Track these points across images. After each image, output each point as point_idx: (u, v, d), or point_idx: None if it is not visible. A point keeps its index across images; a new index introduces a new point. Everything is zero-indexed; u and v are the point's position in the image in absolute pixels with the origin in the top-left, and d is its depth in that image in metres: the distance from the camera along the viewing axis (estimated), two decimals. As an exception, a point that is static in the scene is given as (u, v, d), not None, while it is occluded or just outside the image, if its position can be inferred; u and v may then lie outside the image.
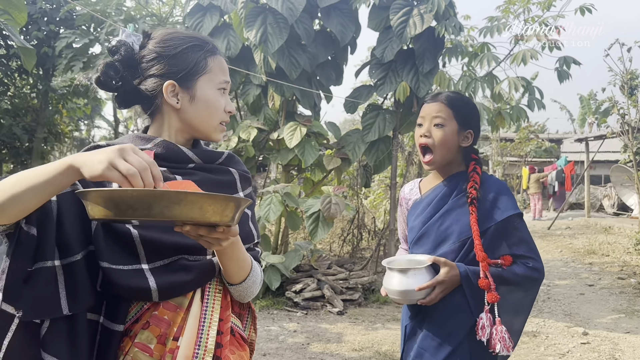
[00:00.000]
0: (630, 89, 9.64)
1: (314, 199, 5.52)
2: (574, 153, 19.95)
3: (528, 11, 6.13)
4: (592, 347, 4.60)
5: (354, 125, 11.97)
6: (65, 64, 6.15)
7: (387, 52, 5.75)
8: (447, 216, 1.78)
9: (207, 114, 1.26)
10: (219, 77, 1.27)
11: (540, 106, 5.72)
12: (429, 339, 1.75)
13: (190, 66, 1.23)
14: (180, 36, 1.26)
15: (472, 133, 1.83)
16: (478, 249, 1.68)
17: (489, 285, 1.66)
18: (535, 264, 1.72)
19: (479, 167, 1.81)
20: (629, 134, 9.50)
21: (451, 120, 1.78)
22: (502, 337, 1.66)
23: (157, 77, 1.23)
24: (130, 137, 1.28)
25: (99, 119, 18.20)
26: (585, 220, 14.84)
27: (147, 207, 0.86)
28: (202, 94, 1.25)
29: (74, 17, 6.63)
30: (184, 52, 1.23)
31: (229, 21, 6.25)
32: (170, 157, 1.24)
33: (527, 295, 1.77)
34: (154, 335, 1.14)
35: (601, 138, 13.57)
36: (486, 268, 1.68)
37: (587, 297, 6.52)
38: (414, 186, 2.00)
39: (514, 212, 1.72)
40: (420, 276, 1.70)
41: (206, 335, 1.17)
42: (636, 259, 8.89)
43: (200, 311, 1.19)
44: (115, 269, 1.11)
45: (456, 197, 1.79)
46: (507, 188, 1.81)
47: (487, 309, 1.67)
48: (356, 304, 5.79)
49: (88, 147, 1.24)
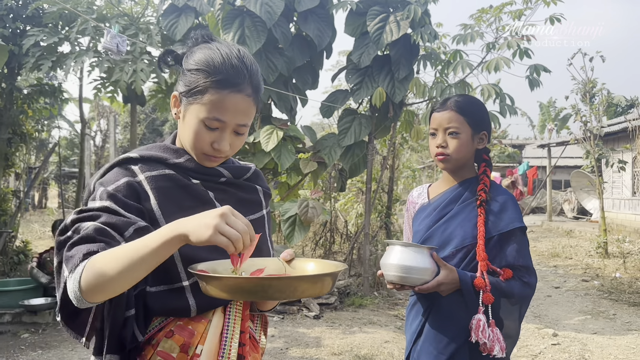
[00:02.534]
0: (590, 97, 10.00)
1: (291, 202, 5.51)
2: (536, 158, 20.54)
3: (499, 20, 6.28)
4: (562, 348, 4.74)
5: (323, 129, 12.01)
6: (32, 62, 5.95)
7: (364, 58, 5.79)
8: (451, 221, 1.80)
9: (191, 139, 1.21)
10: (210, 113, 1.17)
11: (512, 112, 5.86)
12: (430, 343, 1.77)
13: (190, 88, 1.19)
14: (204, 57, 1.20)
15: (486, 133, 1.85)
16: (480, 249, 1.70)
17: (484, 286, 1.68)
18: (529, 280, 1.75)
19: (489, 170, 1.84)
20: (591, 141, 9.84)
21: (465, 127, 1.79)
22: (498, 339, 1.68)
23: (176, 90, 1.25)
24: (159, 147, 1.26)
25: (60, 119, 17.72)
26: (547, 224, 15.29)
27: (261, 292, 0.98)
28: (188, 119, 1.21)
29: (41, 15, 6.43)
30: (193, 72, 1.19)
31: (204, 23, 6.19)
32: (203, 171, 1.26)
33: (519, 307, 1.81)
34: (177, 344, 1.15)
35: (563, 144, 14.02)
36: (484, 268, 1.70)
37: (554, 299, 6.71)
38: (422, 191, 2.00)
39: (519, 224, 1.75)
40: (421, 256, 1.66)
41: (229, 348, 1.19)
42: (598, 261, 9.20)
43: (222, 322, 1.21)
44: (156, 291, 1.17)
45: (463, 204, 1.81)
46: (514, 199, 1.83)
47: (481, 310, 1.69)
48: (332, 308, 5.81)
49: (110, 166, 1.24)
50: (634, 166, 12.42)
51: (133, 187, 1.18)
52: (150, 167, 1.23)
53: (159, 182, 1.20)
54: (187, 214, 1.02)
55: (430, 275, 1.66)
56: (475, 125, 1.81)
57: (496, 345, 1.67)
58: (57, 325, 5.21)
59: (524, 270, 1.75)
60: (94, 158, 20.42)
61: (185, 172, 1.24)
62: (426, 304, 1.82)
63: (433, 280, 1.66)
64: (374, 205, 7.37)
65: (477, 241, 1.72)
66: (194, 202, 1.22)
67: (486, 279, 1.69)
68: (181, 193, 1.22)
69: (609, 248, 9.73)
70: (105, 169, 1.25)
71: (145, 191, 1.19)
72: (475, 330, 1.67)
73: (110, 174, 1.22)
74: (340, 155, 6.03)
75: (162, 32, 6.10)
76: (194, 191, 1.24)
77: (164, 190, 1.20)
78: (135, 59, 5.64)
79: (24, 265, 7.05)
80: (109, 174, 1.22)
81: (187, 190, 1.23)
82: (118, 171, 1.21)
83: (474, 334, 1.67)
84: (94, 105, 19.91)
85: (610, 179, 13.24)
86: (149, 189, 1.19)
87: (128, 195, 1.16)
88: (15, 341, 4.75)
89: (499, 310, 1.73)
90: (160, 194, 1.19)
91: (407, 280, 1.65)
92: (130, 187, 1.17)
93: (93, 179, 1.25)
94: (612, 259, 9.25)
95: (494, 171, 12.82)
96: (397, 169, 9.33)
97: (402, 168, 10.98)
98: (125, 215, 1.12)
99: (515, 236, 1.75)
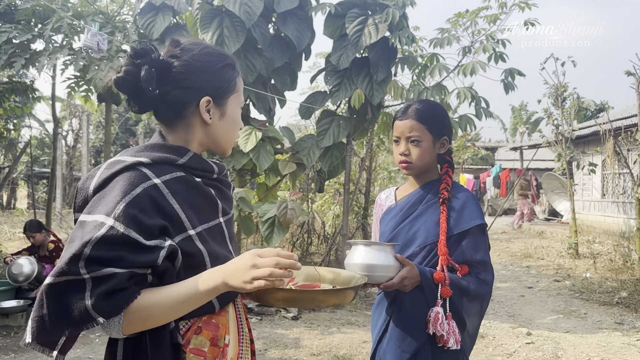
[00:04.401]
0: (562, 101, 10.23)
1: (270, 204, 5.50)
2: (508, 161, 20.91)
3: (475, 24, 6.39)
4: (536, 347, 4.83)
5: (301, 131, 12.01)
6: (5, 59, 5.82)
7: (343, 60, 5.82)
8: (416, 221, 1.85)
9: (232, 131, 1.32)
10: (242, 96, 1.35)
11: (488, 115, 5.96)
12: (395, 342, 1.82)
13: (226, 84, 1.27)
14: (216, 52, 1.29)
15: (447, 138, 1.91)
16: (442, 244, 1.75)
17: (443, 279, 1.72)
18: (486, 277, 1.79)
19: (450, 171, 1.90)
20: (562, 144, 10.06)
21: (426, 134, 1.84)
22: (453, 332, 1.72)
23: (193, 90, 1.23)
24: (156, 147, 1.24)
25: (30, 118, 17.31)
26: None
27: (307, 301, 1.29)
28: (230, 112, 1.30)
29: (13, 12, 6.29)
30: (222, 70, 1.27)
31: (182, 22, 6.14)
32: (201, 168, 1.27)
33: (477, 304, 1.84)
34: (207, 338, 1.21)
35: (535, 147, 14.29)
36: (444, 262, 1.74)
37: (528, 298, 6.84)
38: (389, 193, 2.06)
39: (480, 222, 1.80)
40: (384, 254, 1.68)
41: (246, 333, 1.35)
42: (569, 262, 9.42)
43: (234, 312, 1.32)
44: None
45: (427, 204, 1.86)
46: (474, 198, 1.90)
47: (439, 303, 1.73)
48: (310, 309, 5.81)
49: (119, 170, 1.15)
50: (603, 169, 12.73)
51: (151, 197, 1.13)
52: (162, 170, 1.19)
53: (175, 186, 1.19)
54: (197, 212, 1.15)
55: (394, 271, 1.68)
56: (436, 132, 1.87)
57: (451, 337, 1.71)
58: (29, 329, 5.09)
59: (481, 267, 1.79)
60: (65, 158, 20.00)
61: (190, 171, 1.25)
62: (389, 301, 1.87)
63: (397, 276, 1.69)
64: (351, 207, 7.41)
65: (439, 238, 1.77)
66: (203, 200, 1.26)
67: (446, 273, 1.73)
68: (192, 193, 1.23)
69: (579, 249, 9.96)
70: (112, 173, 1.16)
71: (164, 196, 1.16)
72: (433, 323, 1.71)
73: (122, 181, 1.13)
74: (319, 157, 6.05)
75: (138, 30, 6.03)
76: (202, 190, 1.27)
77: (181, 193, 1.20)
78: (111, 57, 5.56)
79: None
80: (121, 181, 1.13)
81: (197, 190, 1.25)
82: (131, 177, 1.14)
83: (432, 326, 1.71)
84: (65, 104, 19.52)
85: (580, 181, 13.55)
86: (168, 193, 1.17)
87: (148, 209, 1.11)
88: (-15, 345, 4.63)
89: (458, 306, 1.77)
90: (179, 198, 1.19)
91: (371, 279, 1.66)
92: (149, 197, 1.13)
93: (90, 183, 1.17)
94: (582, 260, 9.47)
95: (467, 173, 13.10)
96: (374, 171, 9.39)
97: (379, 169, 11.06)
98: (149, 246, 1.08)
99: (474, 233, 1.80)
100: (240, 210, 5.45)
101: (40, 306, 1.03)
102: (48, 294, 1.03)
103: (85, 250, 1.03)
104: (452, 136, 1.94)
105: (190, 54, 1.24)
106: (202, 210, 1.22)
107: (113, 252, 1.05)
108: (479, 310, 1.85)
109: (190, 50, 1.25)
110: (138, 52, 1.20)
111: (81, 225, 1.09)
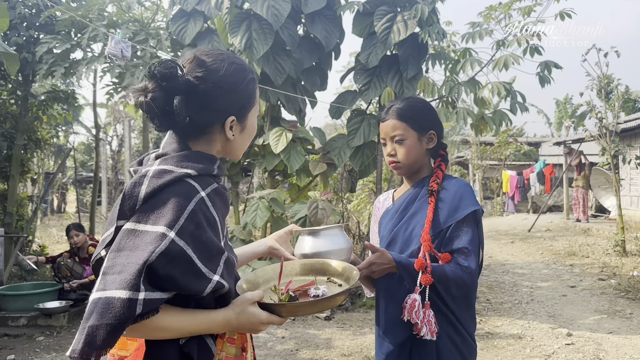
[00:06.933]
0: (606, 93, 9.85)
1: (301, 204, 5.52)
2: (552, 156, 20.27)
3: (509, 17, 6.22)
4: (576, 348, 4.67)
5: (336, 130, 12.01)
6: (46, 69, 6.06)
7: (372, 58, 5.78)
8: (412, 220, 1.82)
9: (248, 141, 1.37)
10: (258, 103, 1.37)
11: (523, 109, 5.80)
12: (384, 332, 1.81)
13: (248, 100, 1.30)
14: (240, 68, 1.29)
15: (435, 132, 1.87)
16: (425, 232, 1.70)
17: (424, 266, 1.65)
18: (468, 263, 1.69)
19: (443, 164, 1.88)
20: (606, 137, 9.69)
21: (409, 132, 1.83)
22: (428, 321, 1.66)
23: (220, 112, 1.25)
24: (194, 157, 1.23)
25: (77, 125, 17.97)
26: (564, 222, 15.07)
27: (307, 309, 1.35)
28: (250, 124, 1.35)
29: (54, 23, 6.53)
30: (246, 87, 1.29)
31: (213, 27, 6.23)
32: (221, 175, 1.33)
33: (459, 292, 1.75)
34: (239, 347, 1.31)
35: (579, 141, 13.82)
36: (427, 249, 1.68)
37: (570, 298, 6.62)
38: (388, 195, 2.05)
39: (473, 208, 1.74)
40: (333, 237, 1.60)
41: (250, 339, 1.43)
42: (615, 260, 9.05)
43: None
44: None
45: (420, 201, 1.83)
46: (468, 186, 1.83)
47: (417, 290, 1.66)
48: (343, 309, 5.80)
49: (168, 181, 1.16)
50: (652, 162, 12.18)
51: (203, 211, 1.16)
52: (205, 182, 1.21)
53: (214, 198, 1.21)
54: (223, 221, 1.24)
55: (347, 253, 1.61)
56: (420, 127, 1.84)
57: (425, 327, 1.64)
58: (71, 328, 5.29)
59: (462, 253, 1.70)
60: (110, 162, 20.66)
61: (217, 179, 1.29)
62: (377, 290, 1.87)
63: (364, 261, 1.66)
64: (385, 206, 7.34)
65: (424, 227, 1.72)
66: (226, 208, 1.29)
67: (427, 260, 1.67)
68: (222, 204, 1.26)
69: (626, 246, 9.55)
70: (162, 184, 1.15)
71: (209, 209, 1.18)
72: (409, 310, 1.65)
73: (175, 194, 1.14)
74: (350, 156, 6.03)
75: (171, 36, 6.16)
76: (226, 198, 1.30)
77: (218, 205, 1.22)
78: (145, 64, 5.71)
79: (40, 269, 7.17)
80: (174, 194, 1.14)
81: (224, 199, 1.28)
82: (183, 190, 1.15)
83: (407, 313, 1.65)
84: (110, 111, 20.17)
85: (627, 176, 13.02)
86: (211, 206, 1.19)
87: (202, 224, 1.14)
88: (30, 344, 4.83)
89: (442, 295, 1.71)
90: (217, 210, 1.22)
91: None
92: (202, 212, 1.15)
93: (140, 191, 1.15)
94: (629, 257, 9.09)
95: (510, 170, 12.76)
96: (408, 169, 9.27)
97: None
98: (201, 273, 1.13)
99: (467, 221, 1.74)
100: (272, 211, 5.49)
101: (92, 317, 1.02)
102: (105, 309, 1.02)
103: (148, 261, 1.04)
104: (441, 130, 1.91)
105: (216, 75, 1.23)
106: (222, 217, 1.25)
107: (168, 269, 1.07)
108: (466, 302, 1.78)
109: (216, 71, 1.23)
110: (164, 75, 1.18)
111: (135, 234, 1.09)
